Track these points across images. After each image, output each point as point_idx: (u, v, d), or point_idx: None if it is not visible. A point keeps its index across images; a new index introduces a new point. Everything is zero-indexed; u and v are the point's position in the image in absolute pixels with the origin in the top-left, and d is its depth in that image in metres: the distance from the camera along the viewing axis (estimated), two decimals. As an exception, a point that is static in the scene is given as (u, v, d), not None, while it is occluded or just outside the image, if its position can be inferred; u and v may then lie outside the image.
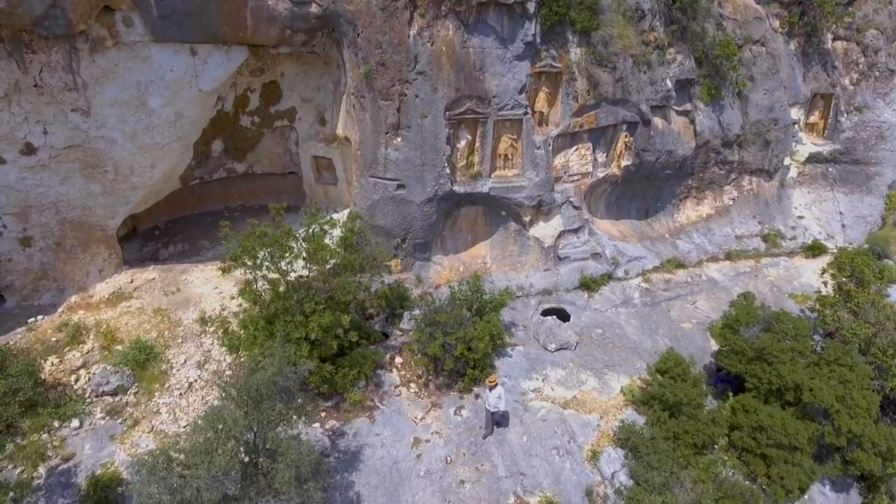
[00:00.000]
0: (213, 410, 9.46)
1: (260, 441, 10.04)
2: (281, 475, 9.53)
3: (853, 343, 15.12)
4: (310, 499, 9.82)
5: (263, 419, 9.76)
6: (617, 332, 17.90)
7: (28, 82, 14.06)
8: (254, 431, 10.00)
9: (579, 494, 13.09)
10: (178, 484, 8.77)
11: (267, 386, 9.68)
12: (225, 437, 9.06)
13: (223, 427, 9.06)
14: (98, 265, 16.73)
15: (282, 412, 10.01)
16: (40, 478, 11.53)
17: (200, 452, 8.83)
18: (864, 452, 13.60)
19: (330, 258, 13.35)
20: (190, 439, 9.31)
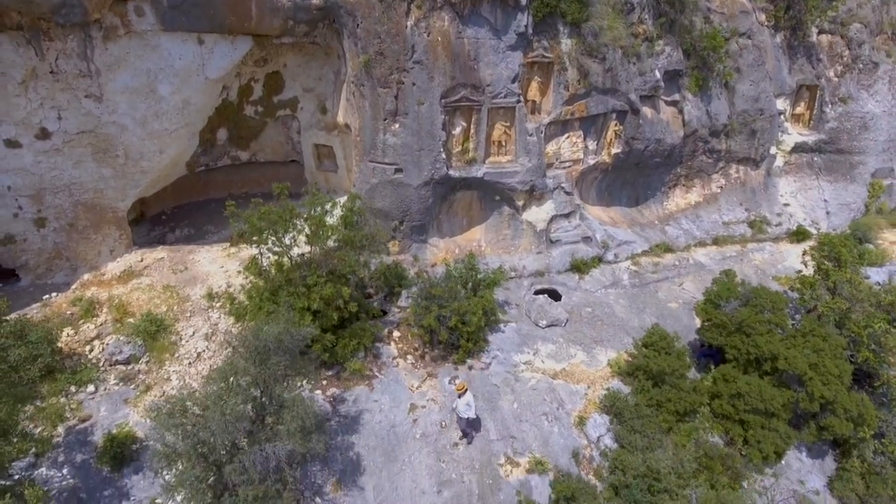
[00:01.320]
0: (225, 364, 10.22)
1: (266, 397, 10.80)
2: (287, 426, 10.29)
3: (829, 317, 15.88)
4: (313, 449, 10.58)
5: (270, 375, 10.52)
6: (606, 310, 18.67)
7: (44, 69, 14.83)
8: (260, 389, 10.77)
9: (566, 456, 13.85)
10: (193, 429, 9.52)
11: (274, 342, 10.45)
12: (236, 387, 9.82)
13: (234, 379, 9.82)
14: (109, 245, 17.50)
15: (287, 369, 10.77)
16: (59, 436, 12.28)
17: (213, 400, 9.59)
18: (837, 418, 14.36)
19: (331, 234, 14.09)
20: (203, 390, 10.07)
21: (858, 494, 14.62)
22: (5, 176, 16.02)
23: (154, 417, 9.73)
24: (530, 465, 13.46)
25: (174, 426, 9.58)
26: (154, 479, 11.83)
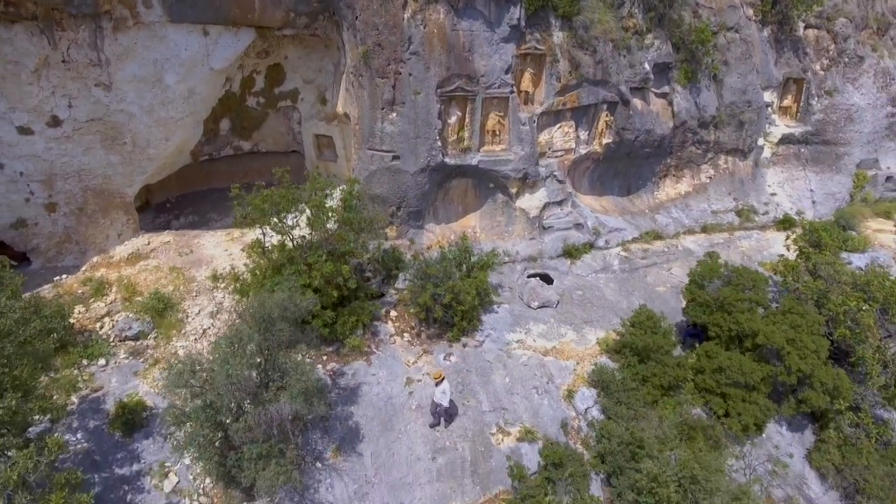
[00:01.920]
0: (231, 330, 10.90)
1: (270, 364, 11.47)
2: (290, 389, 10.96)
3: (808, 297, 16.57)
4: (315, 410, 11.25)
5: (273, 342, 11.19)
6: (596, 293, 19.35)
7: (56, 58, 15.50)
8: (265, 355, 11.44)
9: (555, 426, 14.53)
10: (201, 390, 10.19)
11: (278, 310, 11.12)
12: (241, 352, 10.50)
13: (239, 344, 10.49)
14: (117, 229, 18.17)
15: (289, 337, 11.44)
16: (73, 404, 12.94)
17: (219, 364, 10.27)
18: (814, 391, 15.03)
19: (331, 215, 14.76)
20: (211, 354, 10.75)
21: (835, 464, 15.29)
22: (18, 162, 16.68)
23: (165, 378, 10.39)
24: (521, 434, 14.13)
25: (184, 386, 10.25)
26: (163, 443, 12.51)
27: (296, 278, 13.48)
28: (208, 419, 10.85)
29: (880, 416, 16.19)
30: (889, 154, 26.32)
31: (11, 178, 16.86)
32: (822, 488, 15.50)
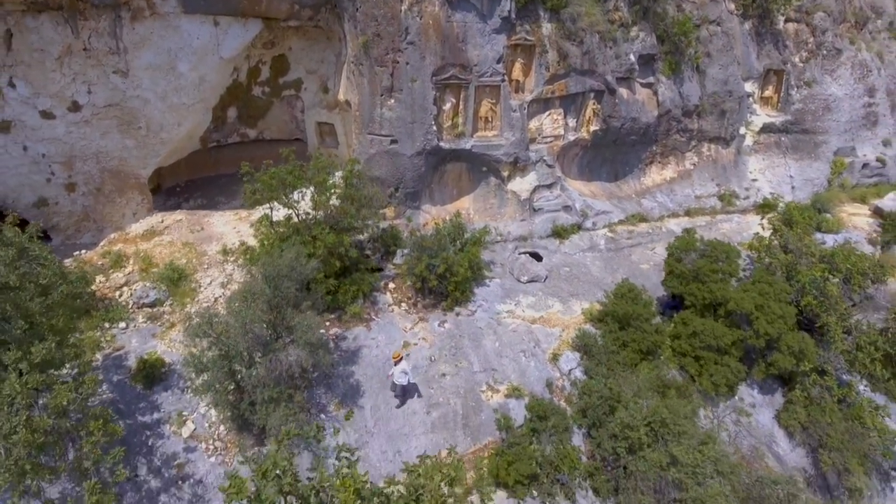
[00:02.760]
0: (244, 285, 12.08)
1: (279, 319, 12.65)
2: (297, 341, 12.15)
3: (778, 269, 17.76)
4: (320, 361, 12.44)
5: (282, 298, 12.37)
6: (582, 269, 20.54)
7: (78, 46, 16.69)
8: (274, 312, 12.62)
9: (541, 385, 15.71)
10: (218, 339, 11.38)
11: (286, 268, 12.30)
12: (253, 305, 11.68)
13: (252, 298, 11.68)
14: (132, 208, 19.36)
15: (296, 294, 12.62)
16: (97, 361, 14.11)
17: (235, 315, 11.45)
18: (782, 354, 16.21)
19: (333, 190, 15.95)
20: (226, 307, 11.92)
21: (801, 423, 16.46)
22: (40, 144, 17.88)
23: (185, 328, 11.57)
24: (508, 391, 15.32)
25: (202, 336, 11.43)
26: (181, 395, 13.72)
27: (301, 246, 14.64)
28: (224, 367, 12.04)
29: (844, 381, 17.36)
30: (866, 142, 27.51)
31: (34, 160, 18.06)
32: (790, 445, 16.68)
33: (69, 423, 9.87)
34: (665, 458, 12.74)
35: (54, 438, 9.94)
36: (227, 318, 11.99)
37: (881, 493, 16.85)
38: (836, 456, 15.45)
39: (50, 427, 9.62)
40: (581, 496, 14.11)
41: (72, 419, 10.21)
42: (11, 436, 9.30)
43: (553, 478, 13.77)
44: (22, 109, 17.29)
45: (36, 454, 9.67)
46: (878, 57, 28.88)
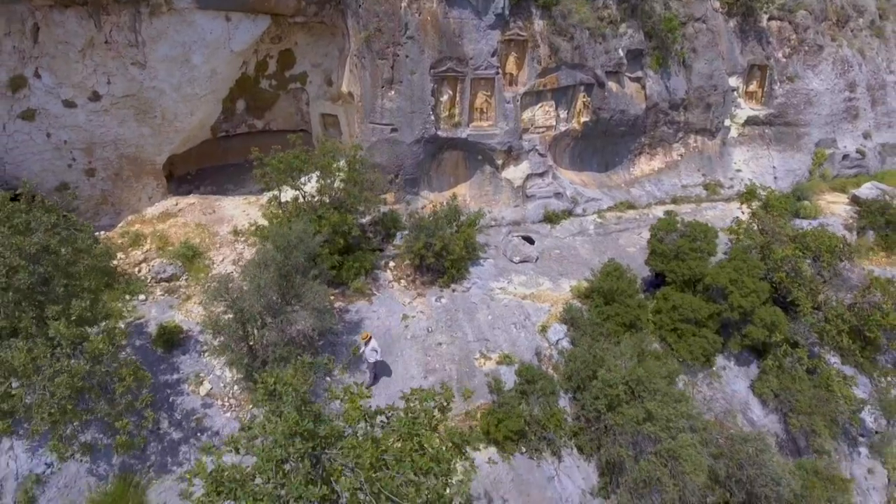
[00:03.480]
0: (258, 252, 13.28)
1: (289, 286, 13.86)
2: (306, 305, 13.34)
3: (751, 248, 18.96)
4: (326, 323, 13.65)
5: (292, 266, 13.58)
6: (572, 252, 21.76)
7: (100, 39, 17.89)
8: (285, 279, 13.82)
9: (530, 353, 16.92)
10: (234, 302, 12.59)
11: (295, 238, 13.50)
12: (267, 271, 12.88)
13: (265, 264, 12.88)
14: (148, 193, 20.58)
15: (304, 263, 13.83)
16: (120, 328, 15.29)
17: (249, 278, 12.65)
18: (755, 326, 17.40)
19: (338, 172, 17.16)
20: (241, 274, 13.13)
21: (773, 391, 17.63)
22: (63, 132, 19.07)
23: (205, 291, 12.78)
24: (500, 359, 16.53)
25: (220, 298, 12.64)
26: (198, 358, 14.94)
27: (309, 222, 15.84)
28: (238, 330, 13.25)
29: (816, 353, 18.55)
30: (846, 135, 28.71)
31: (56, 146, 19.25)
32: (763, 412, 17.87)
33: (103, 369, 11.07)
34: (641, 414, 13.92)
35: (90, 384, 11.14)
36: (242, 284, 13.18)
37: (849, 457, 18.06)
38: (804, 419, 16.64)
39: (86, 373, 10.82)
40: (566, 453, 15.30)
41: (105, 369, 11.42)
42: (54, 378, 10.50)
43: (540, 435, 14.96)
44: (46, 99, 18.47)
45: (74, 397, 10.88)
46: (859, 53, 30.10)
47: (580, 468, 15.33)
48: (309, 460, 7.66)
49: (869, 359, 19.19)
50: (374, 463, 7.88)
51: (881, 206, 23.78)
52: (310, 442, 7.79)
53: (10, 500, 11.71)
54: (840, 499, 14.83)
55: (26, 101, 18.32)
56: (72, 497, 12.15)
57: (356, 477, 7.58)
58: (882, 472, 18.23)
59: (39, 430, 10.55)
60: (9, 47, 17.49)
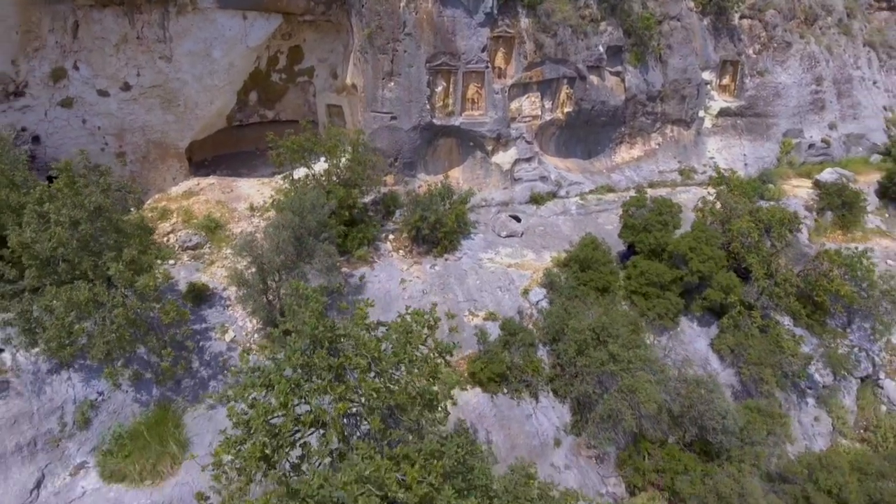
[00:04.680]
0: (277, 216, 15.53)
1: (303, 246, 16.11)
2: (317, 261, 15.59)
3: (715, 222, 21.21)
4: (333, 281, 15.90)
5: (305, 228, 15.82)
6: (555, 228, 24.02)
7: (133, 35, 20.16)
8: (299, 241, 16.07)
9: (513, 312, 19.17)
10: (257, 255, 14.85)
11: (309, 204, 15.75)
12: (284, 232, 15.14)
13: (283, 225, 15.14)
14: (172, 174, 22.84)
15: (316, 228, 16.07)
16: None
17: (270, 236, 14.91)
18: (713, 290, 19.65)
19: (344, 152, 19.42)
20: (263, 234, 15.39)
21: (730, 346, 19.84)
22: (97, 118, 21.32)
23: (232, 246, 15.03)
24: (486, 316, 18.79)
25: (246, 252, 14.90)
26: (223, 311, 17.19)
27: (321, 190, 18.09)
28: (259, 283, 15.51)
29: (769, 315, 20.77)
30: (813, 125, 30.96)
31: (91, 132, 21.49)
32: (721, 366, 20.10)
33: (152, 304, 13.35)
34: (605, 356, 16.16)
35: (140, 318, 13.42)
36: (263, 243, 15.44)
37: (797, 406, 20.31)
38: (754, 369, 18.88)
39: (139, 307, 13.09)
40: (543, 395, 17.56)
41: (153, 304, 13.71)
42: (113, 311, 12.76)
43: (520, 378, 17.21)
44: (83, 89, 20.72)
45: (129, 328, 13.15)
46: (827, 50, 32.38)
47: (555, 409, 17.59)
48: (328, 353, 9.93)
49: (819, 322, 21.42)
50: (375, 356, 10.15)
51: (839, 189, 26.03)
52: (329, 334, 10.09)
53: (70, 420, 13.97)
54: (778, 430, 17.07)
55: (65, 91, 20.56)
56: (120, 419, 14.40)
57: (363, 359, 9.82)
58: (827, 420, 20.49)
59: (100, 354, 12.79)
60: (52, 42, 19.73)
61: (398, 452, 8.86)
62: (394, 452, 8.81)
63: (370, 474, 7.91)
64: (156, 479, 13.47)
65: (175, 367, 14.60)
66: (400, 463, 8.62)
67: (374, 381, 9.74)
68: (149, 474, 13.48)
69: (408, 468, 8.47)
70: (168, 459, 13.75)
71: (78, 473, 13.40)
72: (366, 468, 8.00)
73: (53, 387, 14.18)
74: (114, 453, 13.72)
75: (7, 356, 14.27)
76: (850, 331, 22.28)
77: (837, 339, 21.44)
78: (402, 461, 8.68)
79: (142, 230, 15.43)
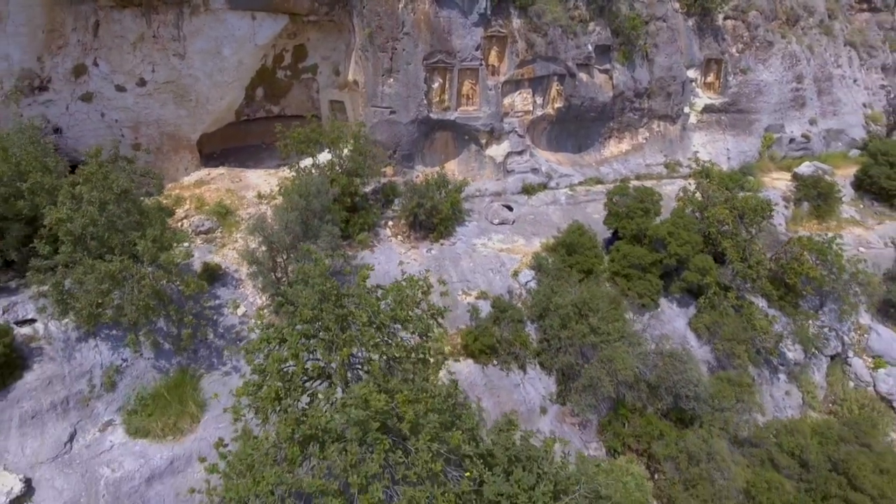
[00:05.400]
0: (284, 199, 16.97)
1: (308, 228, 17.54)
2: (320, 243, 17.03)
3: (694, 210, 22.66)
4: (339, 258, 17.33)
5: (311, 211, 17.25)
6: (545, 217, 25.46)
7: (149, 34, 21.58)
8: (305, 223, 17.51)
9: (504, 292, 20.61)
10: (267, 234, 16.29)
11: (315, 188, 17.18)
12: (291, 210, 16.58)
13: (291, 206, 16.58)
14: (185, 164, 24.28)
15: (321, 210, 17.51)
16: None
17: (278, 216, 16.34)
18: (690, 272, 21.09)
19: (346, 144, 20.86)
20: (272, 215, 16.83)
21: (706, 325, 21.27)
22: (114, 112, 22.75)
23: (245, 227, 16.46)
24: (478, 295, 20.24)
25: (257, 231, 16.33)
26: (234, 288, 18.63)
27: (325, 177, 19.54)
28: (269, 261, 16.95)
29: (744, 296, 22.20)
30: (793, 121, 32.41)
31: (109, 125, 22.93)
32: (699, 343, 21.53)
33: (174, 277, 14.80)
34: (586, 329, 17.60)
35: (163, 290, 14.87)
36: (273, 224, 16.88)
37: (769, 381, 21.75)
38: (727, 344, 20.30)
39: (164, 278, 14.53)
40: (530, 367, 19.01)
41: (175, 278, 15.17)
42: (140, 281, 14.21)
43: (509, 351, 18.64)
44: (102, 84, 22.14)
45: (154, 298, 14.60)
46: (808, 49, 33.82)
47: (541, 380, 19.03)
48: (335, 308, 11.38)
49: (791, 303, 22.87)
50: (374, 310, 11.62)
51: (815, 181, 27.48)
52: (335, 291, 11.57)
53: (98, 382, 15.40)
54: (746, 398, 18.49)
55: (85, 86, 21.98)
56: (143, 383, 15.84)
57: (364, 313, 11.25)
58: (798, 395, 21.92)
59: (132, 318, 14.24)
60: (74, 40, 21.16)
61: (393, 386, 10.27)
62: (389, 387, 10.22)
63: (368, 399, 9.31)
64: (177, 435, 14.90)
65: (195, 335, 16.04)
66: (394, 396, 10.05)
67: (373, 333, 11.19)
68: (170, 431, 14.91)
69: (400, 398, 9.89)
70: (188, 418, 15.19)
71: (106, 429, 14.83)
72: (361, 392, 9.44)
73: (82, 353, 15.62)
74: (138, 412, 15.15)
75: (39, 325, 15.75)
76: (821, 313, 23.73)
77: (809, 320, 22.86)
78: (396, 395, 10.10)
79: (162, 212, 16.83)
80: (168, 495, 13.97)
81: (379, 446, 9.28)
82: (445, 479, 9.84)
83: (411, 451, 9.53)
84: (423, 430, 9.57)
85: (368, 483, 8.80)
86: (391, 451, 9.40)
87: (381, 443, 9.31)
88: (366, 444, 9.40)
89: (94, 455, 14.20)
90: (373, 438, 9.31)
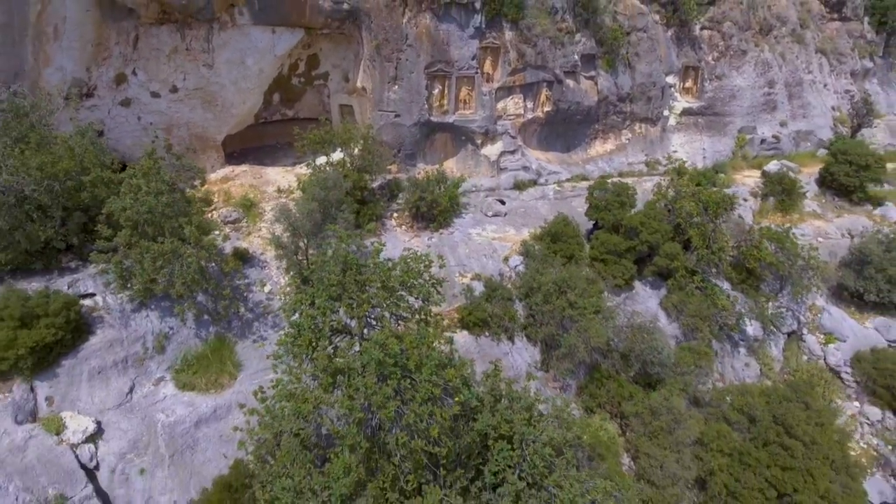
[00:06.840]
0: (305, 191, 19.81)
1: (327, 214, 20.37)
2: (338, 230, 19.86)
3: (665, 203, 25.48)
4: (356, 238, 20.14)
5: (328, 201, 20.07)
6: (534, 210, 28.28)
7: (183, 47, 24.40)
8: (323, 211, 20.33)
9: (496, 273, 23.44)
10: (292, 220, 19.14)
11: (333, 180, 20.00)
12: (312, 199, 19.41)
13: (311, 197, 19.41)
14: (211, 162, 27.10)
15: (338, 199, 20.34)
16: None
17: (300, 205, 19.18)
18: (660, 257, 23.90)
19: (357, 143, 23.70)
20: (296, 206, 19.68)
21: (675, 305, 24.08)
22: (149, 116, 25.56)
23: (268, 216, 19.28)
24: (473, 277, 23.05)
25: (282, 219, 19.17)
26: (261, 269, 21.48)
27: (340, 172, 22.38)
28: (292, 245, 19.79)
29: (709, 280, 25.02)
30: (765, 123, 35.21)
31: (144, 127, 25.71)
32: (668, 320, 24.35)
33: (216, 256, 17.64)
34: (565, 303, 20.42)
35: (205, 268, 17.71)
36: (295, 212, 19.72)
37: (731, 354, 24.57)
38: (690, 320, 23.13)
39: (206, 257, 17.36)
40: (518, 339, 21.82)
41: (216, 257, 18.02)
42: (188, 259, 17.05)
43: (499, 324, 21.45)
44: (139, 91, 24.96)
45: (198, 273, 17.43)
46: (780, 56, 36.64)
47: (527, 350, 21.86)
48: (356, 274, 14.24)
49: (753, 287, 25.69)
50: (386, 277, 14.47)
51: (780, 177, 30.29)
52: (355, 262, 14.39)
53: (150, 346, 18.23)
54: (703, 363, 21.31)
55: (125, 93, 24.80)
56: (186, 347, 18.66)
57: (378, 278, 14.09)
58: (756, 366, 24.73)
59: (181, 290, 17.08)
60: (116, 52, 23.98)
61: (402, 334, 13.12)
62: (398, 333, 13.06)
63: (385, 343, 12.15)
64: (218, 389, 17.73)
65: (230, 307, 18.87)
66: (403, 339, 12.89)
67: (386, 295, 14.04)
68: (212, 385, 17.75)
69: (408, 339, 12.73)
70: (226, 375, 18.04)
71: (159, 384, 17.67)
72: (379, 337, 12.30)
73: (136, 321, 18.45)
74: (184, 370, 17.98)
75: (99, 299, 18.58)
76: (781, 295, 26.54)
77: (769, 301, 25.68)
78: (405, 338, 12.94)
79: (202, 202, 19.68)
80: (213, 436, 16.80)
81: (392, 377, 12.10)
82: (442, 404, 12.65)
83: (417, 382, 12.33)
84: (426, 366, 12.39)
85: (385, 401, 11.60)
86: (401, 380, 12.20)
87: (394, 374, 12.13)
88: (383, 376, 12.21)
89: (151, 403, 17.04)
90: (388, 372, 12.13)
